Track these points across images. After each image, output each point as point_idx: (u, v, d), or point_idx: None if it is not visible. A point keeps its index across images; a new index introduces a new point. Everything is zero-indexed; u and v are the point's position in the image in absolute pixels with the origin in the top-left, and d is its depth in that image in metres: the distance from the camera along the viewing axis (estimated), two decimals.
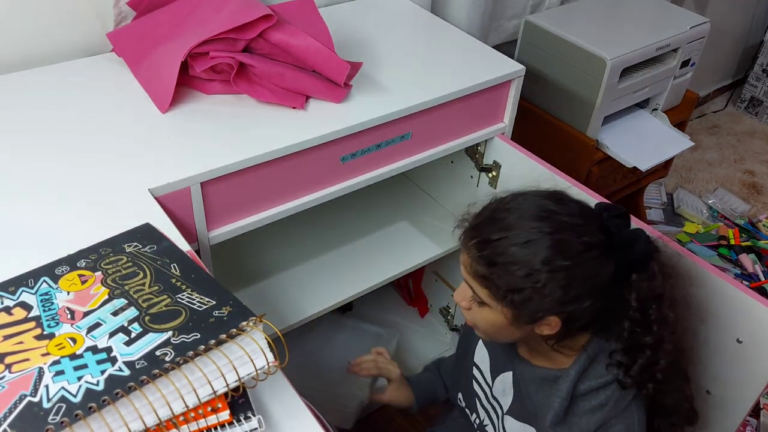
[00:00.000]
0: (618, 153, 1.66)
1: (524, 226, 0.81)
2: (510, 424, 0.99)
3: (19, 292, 0.65)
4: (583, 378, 0.89)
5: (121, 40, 1.12)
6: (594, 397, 0.88)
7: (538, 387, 0.94)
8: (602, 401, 0.88)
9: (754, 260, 2.12)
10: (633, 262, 0.84)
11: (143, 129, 0.98)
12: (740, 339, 0.94)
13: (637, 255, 0.84)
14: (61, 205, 0.84)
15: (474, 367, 1.07)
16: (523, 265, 0.80)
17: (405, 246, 1.40)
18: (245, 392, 0.60)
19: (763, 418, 1.61)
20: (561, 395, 0.88)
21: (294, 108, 1.05)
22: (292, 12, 1.10)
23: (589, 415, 0.88)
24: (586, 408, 0.88)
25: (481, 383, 1.06)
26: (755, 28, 2.94)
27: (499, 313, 0.84)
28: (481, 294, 0.85)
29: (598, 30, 1.65)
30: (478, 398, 1.07)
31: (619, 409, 0.88)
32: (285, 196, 1.04)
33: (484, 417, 1.06)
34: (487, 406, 1.05)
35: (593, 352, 0.89)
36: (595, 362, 0.89)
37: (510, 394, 0.99)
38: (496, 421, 1.03)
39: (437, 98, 1.12)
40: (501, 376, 1.01)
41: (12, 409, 0.52)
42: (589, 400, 0.88)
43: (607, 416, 0.87)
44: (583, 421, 0.88)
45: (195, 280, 0.67)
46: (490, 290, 0.83)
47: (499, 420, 1.02)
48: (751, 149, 2.78)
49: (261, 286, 1.26)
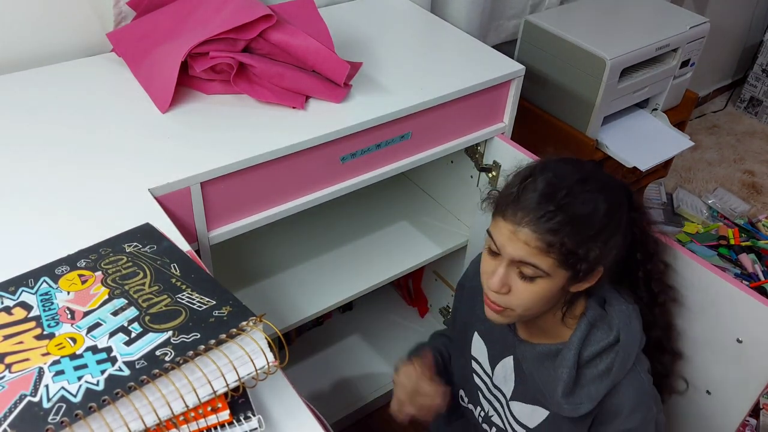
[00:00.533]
0: (618, 153, 1.66)
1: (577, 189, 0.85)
2: (518, 409, 1.00)
3: (19, 292, 0.65)
4: (585, 345, 0.91)
5: (121, 40, 1.12)
6: (599, 362, 0.91)
7: (539, 364, 0.95)
8: (608, 365, 0.90)
9: (754, 260, 2.12)
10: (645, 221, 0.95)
11: (143, 129, 0.98)
12: (740, 339, 0.94)
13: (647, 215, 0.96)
14: (61, 205, 0.84)
15: (473, 361, 1.08)
16: (592, 223, 0.84)
17: (405, 246, 1.40)
18: (245, 392, 0.60)
19: (763, 418, 1.61)
20: (568, 364, 0.90)
21: (294, 108, 1.05)
22: (292, 12, 1.10)
23: (597, 382, 0.90)
24: (593, 375, 0.91)
25: (481, 375, 1.07)
26: (755, 28, 2.94)
27: (555, 280, 0.86)
28: (543, 265, 0.85)
29: (598, 30, 1.65)
30: (480, 390, 1.08)
31: (624, 370, 0.91)
32: (285, 196, 1.04)
33: (489, 408, 1.07)
34: (490, 397, 1.06)
35: (592, 317, 0.92)
36: (594, 328, 0.92)
37: (512, 380, 1.00)
38: (501, 410, 1.04)
39: (437, 98, 1.12)
40: (501, 363, 1.02)
41: (12, 409, 0.52)
42: (594, 366, 0.91)
43: (615, 379, 0.90)
44: (593, 389, 0.90)
45: (195, 280, 0.67)
46: (556, 257, 0.84)
47: (503, 408, 1.03)
48: (750, 149, 2.78)
49: (261, 286, 1.26)
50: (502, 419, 1.04)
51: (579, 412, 0.91)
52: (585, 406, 0.90)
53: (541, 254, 0.83)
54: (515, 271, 0.86)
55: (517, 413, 1.00)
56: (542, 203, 0.83)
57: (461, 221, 1.48)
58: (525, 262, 0.84)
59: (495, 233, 0.87)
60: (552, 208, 0.82)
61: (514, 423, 1.01)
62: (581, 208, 0.84)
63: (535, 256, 0.84)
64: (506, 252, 0.85)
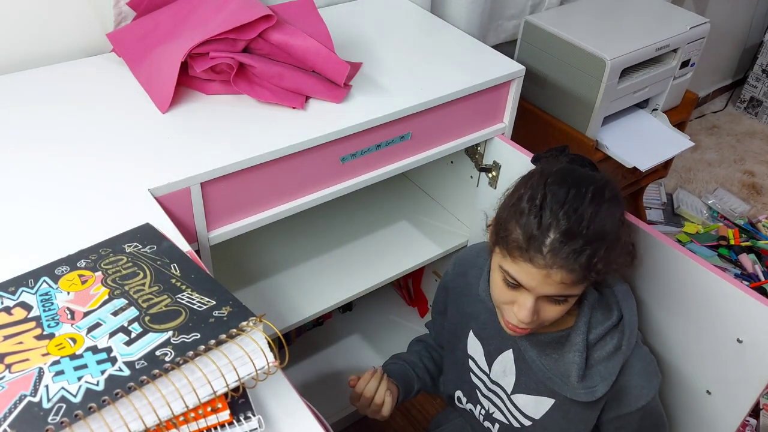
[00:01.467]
0: (618, 153, 1.66)
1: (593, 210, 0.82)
2: (522, 401, 1.00)
3: (19, 292, 0.65)
4: (590, 328, 0.93)
5: (121, 40, 1.12)
6: (607, 342, 0.93)
7: (543, 353, 0.96)
8: (616, 345, 0.93)
9: (754, 260, 2.12)
10: None
11: (143, 129, 0.98)
12: (740, 339, 0.94)
13: None
14: (61, 205, 0.84)
15: (469, 359, 1.08)
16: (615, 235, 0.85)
17: (405, 246, 1.40)
18: (245, 392, 0.60)
19: (763, 418, 1.61)
20: (579, 348, 0.92)
21: (294, 108, 1.05)
22: (292, 12, 1.10)
23: (608, 362, 0.92)
24: (603, 355, 0.92)
25: (478, 373, 1.07)
26: (755, 29, 2.94)
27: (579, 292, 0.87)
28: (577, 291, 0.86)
29: (598, 30, 1.65)
30: (477, 389, 1.08)
31: (631, 346, 0.93)
32: (285, 196, 1.04)
33: (489, 405, 1.07)
34: (489, 393, 1.06)
35: (592, 301, 0.94)
36: (594, 310, 0.94)
37: (512, 373, 1.01)
38: (503, 405, 1.04)
39: (437, 98, 1.12)
40: (499, 358, 1.02)
41: (12, 409, 0.52)
42: (603, 347, 0.93)
43: (625, 356, 0.92)
44: (605, 369, 0.92)
45: (195, 280, 0.67)
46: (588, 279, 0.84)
47: (504, 403, 1.03)
48: (750, 149, 2.78)
49: (261, 286, 1.26)
50: (504, 414, 1.04)
51: (595, 395, 0.91)
52: (600, 389, 0.91)
53: (577, 284, 0.84)
54: (543, 299, 0.86)
55: (521, 405, 1.01)
56: (568, 242, 0.81)
57: (461, 221, 1.48)
58: (559, 294, 0.85)
59: (520, 274, 0.84)
60: (580, 243, 0.81)
61: (520, 416, 1.01)
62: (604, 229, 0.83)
63: (570, 288, 0.84)
64: (537, 291, 0.84)
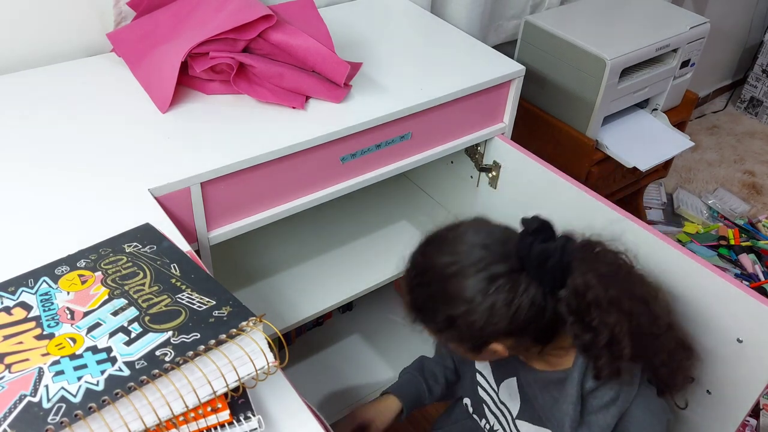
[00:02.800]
0: (618, 153, 1.66)
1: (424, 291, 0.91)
2: (525, 428, 0.99)
3: (19, 292, 0.65)
4: (587, 376, 0.89)
5: (121, 40, 1.12)
6: (603, 392, 0.88)
7: (542, 388, 0.94)
8: (612, 396, 0.88)
9: (754, 260, 2.12)
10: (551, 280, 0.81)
11: (143, 129, 0.98)
12: (740, 339, 0.94)
13: (551, 273, 0.80)
14: (61, 205, 0.84)
15: (477, 374, 1.08)
16: (451, 306, 0.84)
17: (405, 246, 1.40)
18: (245, 392, 0.60)
19: (763, 418, 1.61)
20: (572, 399, 0.88)
21: (294, 108, 1.05)
22: (292, 12, 1.10)
23: (604, 411, 0.88)
24: (599, 405, 0.88)
25: (487, 389, 1.06)
26: (755, 29, 2.94)
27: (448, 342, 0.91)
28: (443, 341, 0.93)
29: (598, 30, 1.65)
30: (485, 404, 1.07)
31: (631, 396, 0.88)
32: (285, 196, 1.04)
33: (494, 422, 1.06)
34: (496, 411, 1.05)
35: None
36: None
37: (517, 399, 1.00)
38: (507, 426, 1.03)
39: (437, 98, 1.12)
40: (505, 382, 1.02)
41: (12, 409, 0.52)
42: (600, 396, 0.88)
43: (622, 407, 0.88)
44: (601, 418, 0.88)
45: (195, 280, 0.67)
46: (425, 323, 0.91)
47: (509, 425, 1.02)
48: (750, 149, 2.78)
49: (261, 286, 1.26)
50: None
51: None
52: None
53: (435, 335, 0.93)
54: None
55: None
56: (423, 311, 0.93)
57: None
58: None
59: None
60: (427, 316, 0.93)
61: None
62: (433, 303, 0.90)
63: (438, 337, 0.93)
64: None
